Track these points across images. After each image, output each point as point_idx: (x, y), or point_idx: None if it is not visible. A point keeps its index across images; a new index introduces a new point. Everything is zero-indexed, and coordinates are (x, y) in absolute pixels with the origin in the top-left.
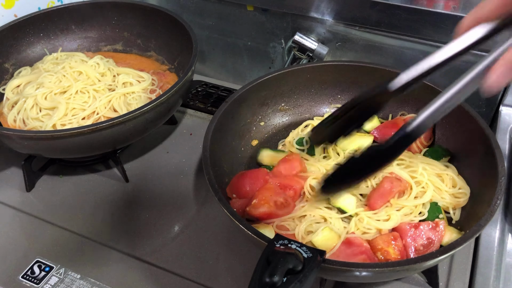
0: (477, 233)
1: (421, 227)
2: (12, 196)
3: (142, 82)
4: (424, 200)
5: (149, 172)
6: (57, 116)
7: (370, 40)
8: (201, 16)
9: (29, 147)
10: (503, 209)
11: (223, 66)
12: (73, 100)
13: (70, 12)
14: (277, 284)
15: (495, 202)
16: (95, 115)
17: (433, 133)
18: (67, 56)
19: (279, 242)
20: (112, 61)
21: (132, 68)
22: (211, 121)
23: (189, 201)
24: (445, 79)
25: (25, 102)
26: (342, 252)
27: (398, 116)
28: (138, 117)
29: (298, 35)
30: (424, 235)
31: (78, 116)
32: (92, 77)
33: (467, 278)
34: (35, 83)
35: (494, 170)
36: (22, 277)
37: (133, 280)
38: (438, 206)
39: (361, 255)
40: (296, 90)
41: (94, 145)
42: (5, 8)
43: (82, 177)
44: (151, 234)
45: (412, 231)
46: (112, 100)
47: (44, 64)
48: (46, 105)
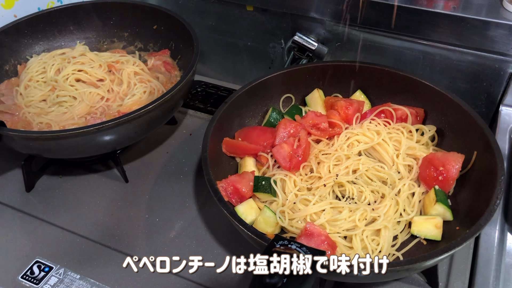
0: (477, 233)
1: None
2: (12, 196)
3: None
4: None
5: (149, 172)
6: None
7: (370, 40)
8: (201, 16)
9: (32, 148)
10: (502, 209)
11: (223, 66)
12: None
13: (70, 12)
14: (277, 285)
15: (495, 202)
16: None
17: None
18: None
19: (279, 242)
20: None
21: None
22: (211, 121)
23: (189, 201)
24: (445, 79)
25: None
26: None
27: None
28: (143, 116)
29: (298, 35)
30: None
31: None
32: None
33: (467, 278)
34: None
35: (493, 169)
36: (21, 277)
37: (133, 281)
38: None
39: (323, 243)
40: (295, 90)
41: (98, 144)
42: (4, 8)
43: (82, 177)
44: (151, 234)
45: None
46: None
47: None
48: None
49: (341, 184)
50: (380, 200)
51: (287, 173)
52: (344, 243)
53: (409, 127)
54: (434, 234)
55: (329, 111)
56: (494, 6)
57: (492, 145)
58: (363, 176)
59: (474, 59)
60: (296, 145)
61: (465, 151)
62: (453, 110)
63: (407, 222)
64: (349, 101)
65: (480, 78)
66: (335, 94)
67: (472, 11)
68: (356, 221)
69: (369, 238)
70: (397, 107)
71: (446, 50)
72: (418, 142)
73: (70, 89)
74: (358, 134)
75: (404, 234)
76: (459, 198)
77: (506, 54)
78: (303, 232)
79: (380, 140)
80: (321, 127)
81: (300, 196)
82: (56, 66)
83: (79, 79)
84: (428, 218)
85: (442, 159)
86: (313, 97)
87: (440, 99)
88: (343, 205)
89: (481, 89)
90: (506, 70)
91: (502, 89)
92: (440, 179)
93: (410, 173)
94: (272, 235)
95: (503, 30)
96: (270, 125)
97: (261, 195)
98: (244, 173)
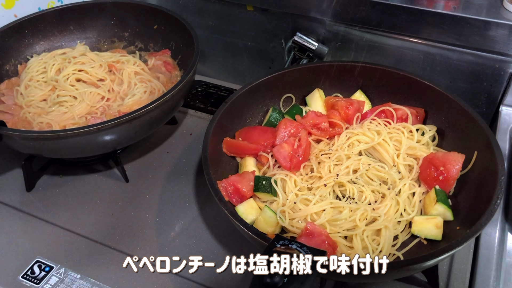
0: (478, 233)
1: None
2: (12, 196)
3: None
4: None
5: (149, 172)
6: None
7: (370, 40)
8: (201, 16)
9: (32, 148)
10: (503, 209)
11: (223, 66)
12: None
13: (70, 12)
14: (278, 285)
15: (495, 202)
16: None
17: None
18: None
19: (280, 242)
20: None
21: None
22: (211, 121)
23: (189, 201)
24: (445, 79)
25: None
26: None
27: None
28: (143, 116)
29: (298, 35)
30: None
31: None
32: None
33: (467, 278)
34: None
35: (494, 169)
36: (22, 277)
37: (133, 280)
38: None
39: (324, 243)
40: (295, 90)
41: (99, 144)
42: (5, 8)
43: (82, 177)
44: (151, 234)
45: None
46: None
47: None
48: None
49: (341, 184)
50: (381, 200)
51: (288, 173)
52: (345, 243)
53: (410, 127)
54: (434, 234)
55: (329, 111)
56: (494, 6)
57: (493, 145)
58: (364, 176)
59: (474, 59)
60: (296, 145)
61: (466, 151)
62: (453, 110)
63: (407, 222)
64: (350, 101)
65: (480, 78)
66: (335, 94)
67: (472, 11)
68: (357, 221)
69: (369, 238)
70: (397, 107)
71: (446, 50)
72: (418, 142)
73: (71, 89)
74: (359, 134)
75: (405, 234)
76: (459, 198)
77: (506, 54)
78: (304, 232)
79: (381, 140)
80: (322, 127)
81: (301, 196)
82: (56, 66)
83: (80, 79)
84: (428, 218)
85: (443, 159)
86: (313, 97)
87: (441, 99)
88: (343, 205)
89: (482, 89)
90: (506, 70)
91: (502, 89)
92: (440, 179)
93: (410, 173)
94: (273, 235)
95: (503, 30)
96: (270, 125)
97: (261, 195)
98: (245, 173)
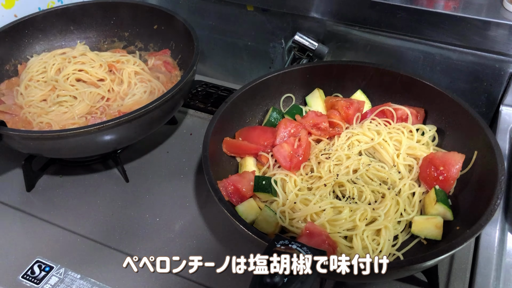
0: (477, 233)
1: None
2: (12, 196)
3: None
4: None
5: (149, 172)
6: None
7: (370, 40)
8: (201, 16)
9: (32, 148)
10: (503, 209)
11: (223, 66)
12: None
13: (70, 12)
14: (278, 285)
15: (495, 202)
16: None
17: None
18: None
19: (280, 242)
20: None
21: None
22: (211, 121)
23: (189, 201)
24: (445, 79)
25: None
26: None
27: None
28: (143, 116)
29: (298, 35)
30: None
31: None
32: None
33: (467, 278)
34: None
35: (494, 169)
36: (22, 277)
37: (133, 280)
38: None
39: (324, 243)
40: (295, 90)
41: (99, 144)
42: (5, 8)
43: (82, 177)
44: (151, 234)
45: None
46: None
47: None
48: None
49: (341, 184)
50: (381, 200)
51: (288, 173)
52: (345, 243)
53: (410, 127)
54: (434, 234)
55: (329, 111)
56: (494, 6)
57: (493, 145)
58: (364, 176)
59: (474, 59)
60: (296, 144)
61: (466, 151)
62: (453, 110)
63: (407, 222)
64: (350, 101)
65: (480, 78)
66: (335, 94)
67: (473, 11)
68: (357, 221)
69: (369, 238)
70: (397, 107)
71: (446, 50)
72: (418, 142)
73: (71, 89)
74: (359, 134)
75: (405, 234)
76: (459, 198)
77: (506, 54)
78: (304, 232)
79: (381, 140)
80: (322, 126)
81: (301, 195)
82: (56, 66)
83: (80, 79)
84: (428, 218)
85: (443, 159)
86: (313, 96)
87: (441, 99)
88: (343, 205)
89: (481, 89)
90: (506, 70)
91: (502, 89)
92: (440, 179)
93: (410, 173)
94: (273, 235)
95: (503, 30)
96: (270, 125)
97: (261, 194)
98: (245, 173)
